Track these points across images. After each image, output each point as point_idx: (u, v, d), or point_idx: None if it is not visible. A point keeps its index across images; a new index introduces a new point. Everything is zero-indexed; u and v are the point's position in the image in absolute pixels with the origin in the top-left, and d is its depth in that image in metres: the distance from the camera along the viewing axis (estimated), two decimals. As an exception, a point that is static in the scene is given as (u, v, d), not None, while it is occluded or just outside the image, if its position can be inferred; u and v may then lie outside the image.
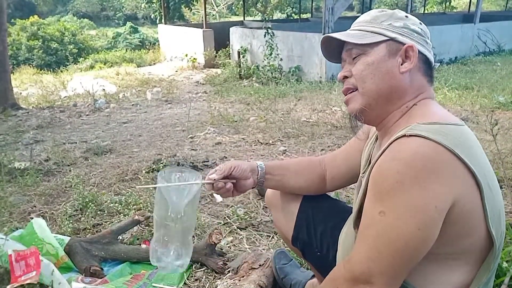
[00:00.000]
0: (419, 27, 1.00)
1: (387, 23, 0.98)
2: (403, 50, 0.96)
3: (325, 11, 6.94)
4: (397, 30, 0.97)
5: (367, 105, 0.99)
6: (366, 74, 0.98)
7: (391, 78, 0.96)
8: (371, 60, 0.97)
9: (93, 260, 1.73)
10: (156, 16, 15.69)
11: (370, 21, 1.01)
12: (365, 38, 0.98)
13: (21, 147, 3.89)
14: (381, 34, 0.98)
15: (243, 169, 1.19)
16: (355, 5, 30.49)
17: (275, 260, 1.65)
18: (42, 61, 14.75)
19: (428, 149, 0.81)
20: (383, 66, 0.96)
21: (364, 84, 0.99)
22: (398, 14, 1.00)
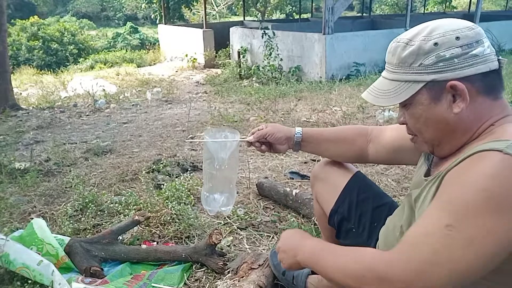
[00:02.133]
0: (458, 46, 0.83)
1: (417, 64, 0.86)
2: (447, 88, 0.84)
3: (325, 11, 6.94)
4: (431, 69, 0.84)
5: (432, 148, 0.93)
6: (419, 126, 0.91)
7: (446, 122, 0.86)
8: (418, 113, 0.89)
9: (93, 261, 1.73)
10: (156, 16, 15.69)
11: (399, 65, 0.89)
12: (398, 93, 0.88)
13: (21, 147, 3.89)
14: (416, 81, 0.86)
15: (277, 138, 1.32)
16: (355, 5, 30.48)
17: (272, 258, 1.65)
18: (42, 62, 14.76)
19: None
20: (433, 115, 0.87)
21: (422, 135, 0.92)
22: (425, 47, 0.85)
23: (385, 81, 0.92)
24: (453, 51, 0.83)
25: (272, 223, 2.18)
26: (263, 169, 2.98)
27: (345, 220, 1.34)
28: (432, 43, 0.84)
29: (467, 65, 0.83)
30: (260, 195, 2.51)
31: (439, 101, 0.85)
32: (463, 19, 0.91)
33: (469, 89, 0.83)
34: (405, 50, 0.87)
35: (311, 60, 7.32)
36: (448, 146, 0.90)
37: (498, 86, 0.87)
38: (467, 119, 0.86)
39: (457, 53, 0.83)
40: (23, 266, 1.57)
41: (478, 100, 0.85)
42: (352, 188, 1.34)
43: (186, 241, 2.02)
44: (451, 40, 0.83)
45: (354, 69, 7.21)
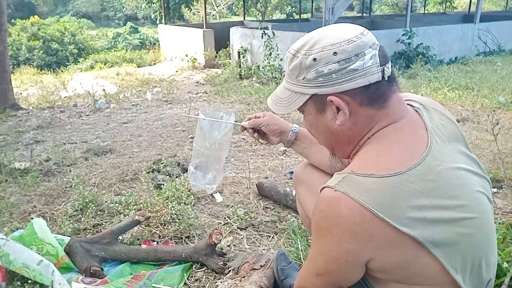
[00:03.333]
0: (335, 61, 0.84)
1: (301, 78, 0.89)
2: (328, 102, 0.88)
3: (325, 11, 6.94)
4: (313, 84, 0.88)
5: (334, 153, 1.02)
6: (313, 132, 1.00)
7: (331, 133, 0.93)
8: (309, 120, 0.97)
9: (93, 261, 1.73)
10: (156, 16, 15.68)
11: (289, 76, 0.93)
12: (290, 103, 0.94)
13: (21, 147, 3.89)
14: (302, 93, 0.91)
15: (272, 129, 1.34)
16: (355, 5, 30.48)
17: (277, 261, 1.65)
18: (42, 61, 14.76)
19: (350, 211, 0.80)
20: (320, 124, 0.94)
21: (317, 139, 1.02)
22: (306, 62, 0.87)
23: (282, 89, 0.98)
24: (331, 66, 0.84)
25: (272, 223, 2.18)
26: (263, 169, 2.98)
27: None
28: (311, 59, 0.86)
29: (345, 80, 0.84)
30: (260, 195, 2.51)
31: (325, 113, 0.91)
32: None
33: (350, 102, 0.86)
34: (292, 62, 0.91)
35: (311, 60, 7.31)
36: (341, 152, 0.99)
37: (383, 95, 0.87)
38: (350, 130, 0.91)
39: (335, 69, 0.84)
40: (23, 266, 1.57)
41: (361, 111, 0.88)
42: None
43: (186, 241, 2.02)
44: (329, 55, 0.84)
45: (354, 69, 7.20)
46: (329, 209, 0.83)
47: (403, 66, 7.31)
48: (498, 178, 2.51)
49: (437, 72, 6.92)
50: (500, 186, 2.46)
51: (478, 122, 4.00)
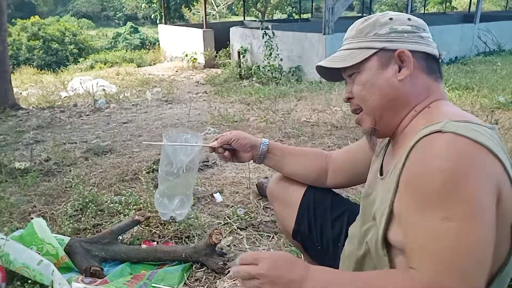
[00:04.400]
0: (409, 24, 0.93)
1: (372, 34, 0.94)
2: (395, 57, 0.91)
3: (325, 11, 6.94)
4: (384, 38, 0.92)
5: (376, 122, 0.96)
6: (365, 93, 0.95)
7: (390, 89, 0.92)
8: (365, 78, 0.94)
9: (93, 260, 1.73)
10: (156, 16, 15.69)
11: (356, 36, 0.96)
12: (352, 57, 0.94)
13: (21, 147, 3.89)
14: (369, 48, 0.93)
15: (242, 144, 1.27)
16: (355, 5, 30.49)
17: None
18: (43, 61, 14.77)
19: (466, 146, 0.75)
20: (380, 80, 0.92)
21: (366, 103, 0.95)
22: (381, 20, 0.94)
23: (341, 52, 0.99)
24: (404, 27, 0.93)
25: (272, 223, 2.18)
26: (263, 169, 2.98)
27: (308, 239, 1.31)
28: (388, 18, 0.94)
29: (415, 41, 0.92)
30: (260, 195, 2.51)
31: (386, 68, 0.92)
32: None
33: (413, 63, 0.90)
34: (363, 23, 0.96)
35: (311, 60, 7.31)
36: (389, 119, 0.94)
37: (438, 71, 0.95)
38: (408, 91, 0.91)
39: (408, 30, 0.92)
40: (23, 266, 1.57)
41: (420, 76, 0.92)
42: (308, 203, 1.30)
43: (186, 241, 2.02)
44: (404, 18, 0.94)
45: (354, 69, 7.21)
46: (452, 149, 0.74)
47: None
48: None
49: (437, 72, 6.91)
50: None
51: (478, 122, 4.00)
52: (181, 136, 1.25)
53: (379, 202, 0.92)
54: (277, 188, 1.38)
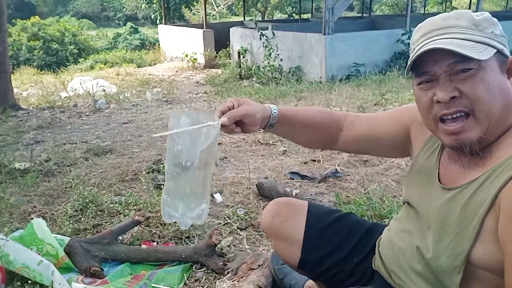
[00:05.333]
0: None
1: (489, 31, 0.84)
2: (509, 64, 0.85)
3: (325, 11, 6.94)
4: (500, 40, 0.84)
5: (485, 131, 0.83)
6: (487, 95, 0.81)
7: (506, 95, 0.84)
8: (491, 78, 0.82)
9: (93, 261, 1.73)
10: (156, 17, 15.70)
11: (472, 28, 0.84)
12: (479, 51, 0.81)
13: (21, 147, 3.89)
14: (490, 46, 0.82)
15: (254, 119, 1.07)
16: (355, 6, 30.49)
17: (272, 262, 1.64)
18: (43, 62, 14.75)
19: None
20: (501, 83, 0.83)
21: (485, 106, 0.82)
22: (493, 19, 0.86)
23: (457, 41, 0.82)
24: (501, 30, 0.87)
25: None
26: (263, 169, 2.98)
27: (319, 266, 1.25)
28: (495, 19, 0.87)
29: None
30: (260, 195, 2.51)
31: (502, 72, 0.85)
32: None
33: None
34: (477, 17, 0.85)
35: (311, 61, 7.32)
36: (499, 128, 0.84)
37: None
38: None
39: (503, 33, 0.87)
40: (23, 266, 1.57)
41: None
42: (313, 233, 1.24)
43: (186, 241, 2.02)
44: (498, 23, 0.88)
45: (354, 70, 7.21)
46: None
47: (403, 66, 7.30)
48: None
49: (437, 72, 6.91)
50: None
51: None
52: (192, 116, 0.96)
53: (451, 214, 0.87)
54: (273, 225, 1.28)
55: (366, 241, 1.21)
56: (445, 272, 0.87)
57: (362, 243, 1.22)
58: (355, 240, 1.23)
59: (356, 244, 1.23)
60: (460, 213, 0.85)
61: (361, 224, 1.28)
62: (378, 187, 2.54)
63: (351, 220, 1.30)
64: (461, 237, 0.84)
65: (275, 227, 1.27)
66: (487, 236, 0.81)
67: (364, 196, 2.37)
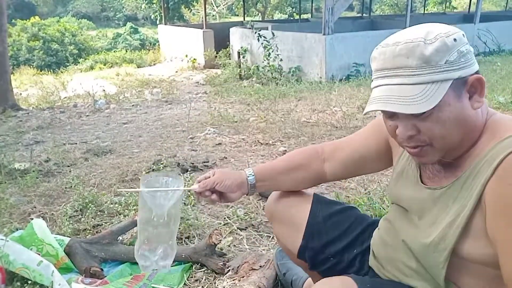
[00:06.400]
0: (466, 42, 0.83)
1: (443, 62, 0.80)
2: (469, 84, 0.82)
3: (325, 11, 6.94)
4: (456, 66, 0.81)
5: (445, 154, 0.87)
6: (444, 131, 0.83)
7: (468, 121, 0.84)
8: (446, 115, 0.82)
9: (93, 261, 1.73)
10: (156, 17, 15.71)
11: (422, 66, 0.81)
12: (428, 97, 0.80)
13: (21, 147, 3.89)
14: (445, 80, 0.80)
15: (226, 185, 1.15)
16: (355, 5, 30.50)
17: (277, 256, 1.65)
18: (42, 62, 14.77)
19: None
20: (459, 114, 0.83)
21: (443, 140, 0.84)
22: (448, 43, 0.80)
23: (406, 87, 0.81)
24: (466, 47, 0.83)
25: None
26: (263, 170, 2.98)
27: (319, 253, 1.26)
28: (452, 39, 0.81)
29: (474, 61, 0.84)
30: (260, 195, 2.51)
31: (461, 99, 0.82)
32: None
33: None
34: (427, 48, 0.80)
35: (311, 61, 7.32)
36: (465, 145, 0.87)
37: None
38: (480, 114, 0.86)
39: (468, 49, 0.83)
40: (23, 267, 1.57)
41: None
42: (316, 219, 1.25)
43: (186, 241, 2.02)
44: (462, 37, 0.83)
45: (354, 70, 7.21)
46: None
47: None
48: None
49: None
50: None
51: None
52: (161, 180, 1.13)
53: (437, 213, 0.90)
54: (277, 209, 1.30)
55: (368, 235, 1.22)
56: (432, 267, 0.90)
57: (363, 236, 1.23)
58: (356, 232, 1.25)
59: (357, 236, 1.24)
60: (445, 211, 0.88)
61: (364, 218, 1.29)
62: (378, 187, 2.54)
63: (354, 213, 1.32)
64: (445, 234, 0.87)
65: (279, 211, 1.29)
66: (477, 232, 0.83)
67: (364, 196, 2.37)
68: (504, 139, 0.81)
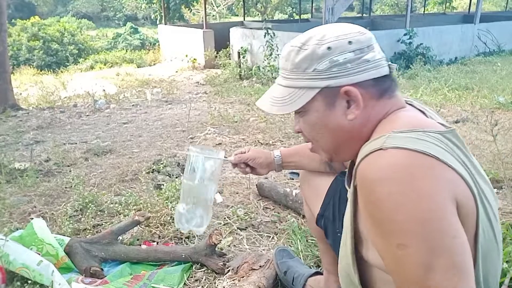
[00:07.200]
0: (351, 50, 0.81)
1: (311, 70, 0.82)
2: (341, 94, 0.82)
3: (325, 12, 6.94)
4: (325, 75, 0.82)
5: (331, 156, 0.92)
6: (314, 134, 0.89)
7: (342, 130, 0.85)
8: (313, 120, 0.86)
9: (93, 261, 1.73)
10: (156, 17, 15.71)
11: (293, 71, 0.85)
12: (293, 101, 0.84)
13: (21, 147, 3.89)
14: (310, 88, 0.83)
15: (258, 163, 1.36)
16: (355, 6, 30.50)
17: (276, 256, 1.65)
18: (42, 62, 14.76)
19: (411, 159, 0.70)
20: (329, 122, 0.85)
21: (317, 142, 0.90)
22: (318, 51, 0.82)
23: (280, 88, 0.88)
24: (346, 55, 0.81)
25: (272, 223, 2.18)
26: (263, 170, 2.98)
27: (331, 224, 1.31)
28: (325, 47, 0.81)
29: (360, 70, 0.81)
30: (260, 195, 2.51)
31: (334, 108, 0.83)
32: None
33: (363, 95, 0.82)
34: (299, 54, 0.84)
35: (311, 61, 7.31)
36: (347, 152, 0.88)
37: (391, 88, 0.86)
38: (362, 125, 0.84)
39: (350, 58, 0.81)
40: (23, 267, 1.57)
41: (372, 104, 0.84)
42: (335, 190, 1.31)
43: (186, 241, 2.02)
44: (344, 44, 0.81)
45: (354, 70, 7.21)
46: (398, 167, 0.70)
47: (403, 67, 7.31)
48: (498, 179, 2.51)
49: (437, 73, 6.92)
50: (500, 187, 2.46)
51: (477, 123, 4.00)
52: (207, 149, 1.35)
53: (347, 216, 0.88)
54: (308, 172, 1.40)
55: None
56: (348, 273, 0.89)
57: None
58: None
59: None
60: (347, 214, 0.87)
61: None
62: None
63: None
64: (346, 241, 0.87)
65: (310, 173, 1.39)
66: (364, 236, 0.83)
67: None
68: (371, 141, 0.78)
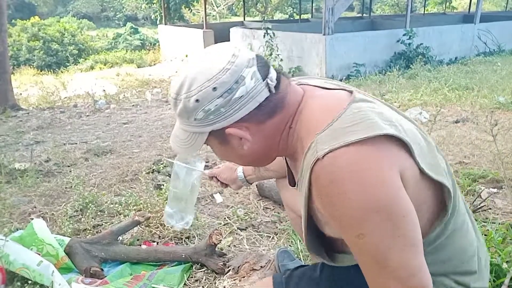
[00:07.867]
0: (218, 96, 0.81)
1: (192, 119, 0.86)
2: (228, 135, 0.86)
3: (325, 12, 6.94)
4: (206, 123, 0.85)
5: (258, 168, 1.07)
6: (229, 160, 0.99)
7: (245, 156, 0.91)
8: (219, 153, 0.94)
9: (93, 261, 1.73)
10: (157, 17, 15.70)
11: (179, 118, 0.89)
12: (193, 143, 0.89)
13: (21, 148, 3.89)
14: (199, 133, 0.88)
15: (223, 178, 1.52)
16: (355, 6, 30.50)
17: (278, 258, 1.65)
18: (43, 62, 14.76)
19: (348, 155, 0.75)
20: (230, 153, 0.92)
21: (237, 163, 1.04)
22: (189, 106, 0.83)
23: (180, 130, 0.91)
24: (215, 102, 0.81)
25: (272, 223, 2.18)
26: (263, 170, 2.98)
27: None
28: (194, 100, 0.82)
29: (235, 109, 0.82)
30: (260, 195, 2.51)
31: (229, 143, 0.88)
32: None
33: (249, 127, 0.85)
34: (177, 107, 0.86)
35: (311, 61, 7.31)
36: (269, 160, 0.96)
37: (279, 101, 0.86)
38: (264, 144, 0.89)
39: (221, 103, 0.82)
40: (23, 267, 1.57)
41: (265, 126, 0.86)
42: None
43: (186, 241, 2.02)
44: (210, 92, 0.81)
45: (354, 70, 7.21)
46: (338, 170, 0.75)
47: (403, 67, 7.31)
48: (498, 179, 2.51)
49: (437, 73, 6.91)
50: (500, 186, 2.46)
51: (477, 123, 4.00)
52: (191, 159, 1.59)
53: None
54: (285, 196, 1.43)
55: None
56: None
57: None
58: None
59: None
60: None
61: None
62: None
63: None
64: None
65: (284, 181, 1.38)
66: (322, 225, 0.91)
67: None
68: (308, 150, 0.81)
